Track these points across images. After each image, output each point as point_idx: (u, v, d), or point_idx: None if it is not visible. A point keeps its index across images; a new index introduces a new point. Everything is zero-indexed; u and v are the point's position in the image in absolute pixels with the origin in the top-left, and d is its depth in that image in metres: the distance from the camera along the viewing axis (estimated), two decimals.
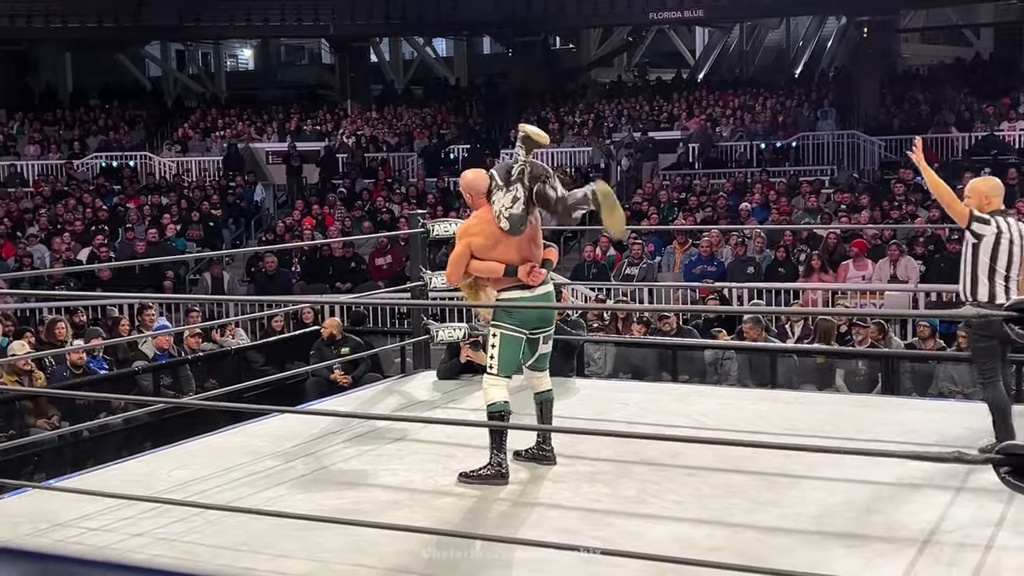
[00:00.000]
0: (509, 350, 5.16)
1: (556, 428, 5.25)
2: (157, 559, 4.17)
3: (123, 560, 4.16)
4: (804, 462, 5.10)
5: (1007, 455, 2.72)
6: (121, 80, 30.76)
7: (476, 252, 5.22)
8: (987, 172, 16.24)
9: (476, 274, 5.25)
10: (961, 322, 8.88)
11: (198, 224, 17.90)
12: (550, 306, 5.37)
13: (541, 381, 5.38)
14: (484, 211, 5.29)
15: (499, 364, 5.15)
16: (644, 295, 12.95)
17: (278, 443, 5.83)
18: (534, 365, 5.32)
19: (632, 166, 19.60)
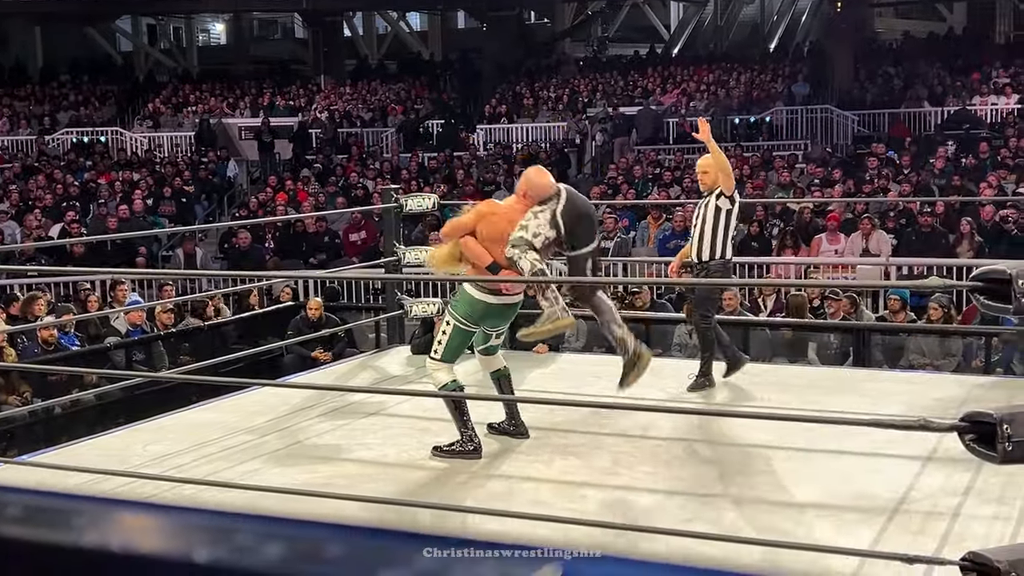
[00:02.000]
0: (457, 340, 5.19)
1: (529, 399, 5.27)
2: None
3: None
4: (776, 433, 5.15)
5: (972, 422, 2.76)
6: (92, 55, 30.44)
7: (479, 235, 5.15)
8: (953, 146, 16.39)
9: (463, 250, 5.21)
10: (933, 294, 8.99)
11: (170, 200, 17.79)
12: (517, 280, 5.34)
13: (494, 361, 5.39)
14: (517, 210, 5.21)
15: (444, 351, 5.17)
16: (619, 270, 12.98)
17: (252, 418, 5.83)
18: (485, 350, 5.33)
19: (606, 141, 19.60)
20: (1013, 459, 2.72)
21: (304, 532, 3.87)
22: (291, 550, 3.26)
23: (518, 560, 3.37)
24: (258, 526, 3.92)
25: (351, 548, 3.39)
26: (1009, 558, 2.76)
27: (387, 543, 3.75)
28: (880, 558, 3.48)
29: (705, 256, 6.30)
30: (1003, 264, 2.85)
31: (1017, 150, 15.92)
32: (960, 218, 12.53)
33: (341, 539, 3.74)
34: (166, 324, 10.24)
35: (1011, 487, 4.26)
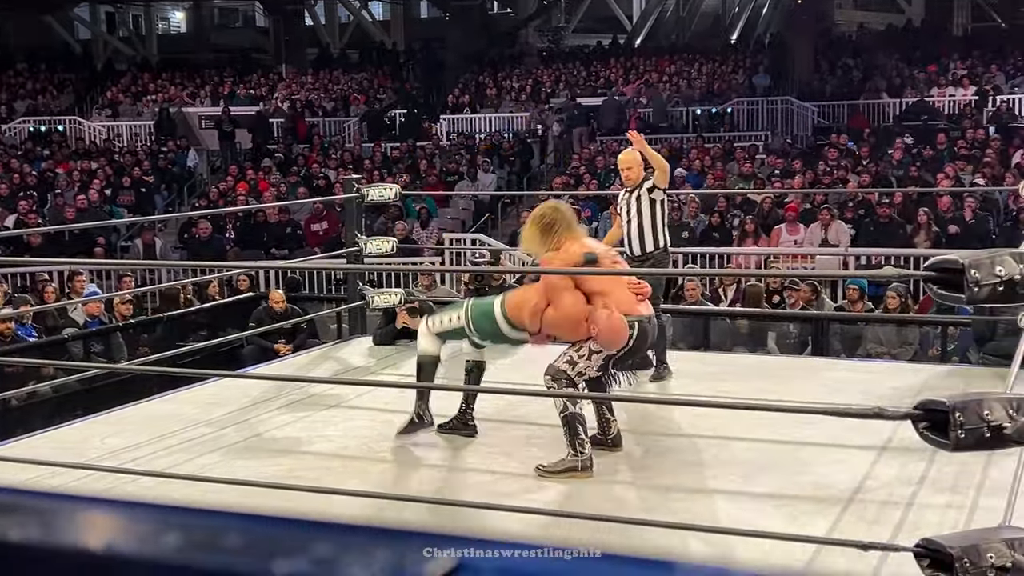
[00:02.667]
0: (457, 335, 5.16)
1: (489, 389, 5.26)
2: None
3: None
4: (735, 422, 5.19)
5: (925, 410, 2.79)
6: (49, 43, 30.05)
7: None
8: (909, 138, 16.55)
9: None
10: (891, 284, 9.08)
11: (129, 190, 17.62)
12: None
13: (478, 354, 5.36)
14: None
15: (442, 331, 5.13)
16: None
17: (212, 410, 5.80)
18: (476, 346, 5.31)
19: (563, 132, 19.60)
20: (965, 446, 2.76)
21: (200, 521, 3.85)
22: (187, 539, 3.24)
23: (416, 548, 3.40)
24: (155, 515, 3.91)
25: (248, 537, 3.38)
26: (961, 544, 2.80)
27: (283, 531, 3.75)
28: (835, 545, 3.52)
29: (649, 248, 6.39)
30: (956, 254, 2.88)
31: (974, 141, 16.10)
32: (918, 209, 12.67)
33: (238, 528, 3.73)
34: (125, 315, 10.14)
35: (964, 476, 4.32)
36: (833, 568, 3.51)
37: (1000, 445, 2.77)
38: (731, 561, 3.61)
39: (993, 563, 2.75)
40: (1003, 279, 2.80)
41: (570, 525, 3.86)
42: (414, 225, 15.29)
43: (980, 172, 14.50)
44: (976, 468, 4.34)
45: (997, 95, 18.81)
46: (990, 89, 19.06)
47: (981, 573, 2.74)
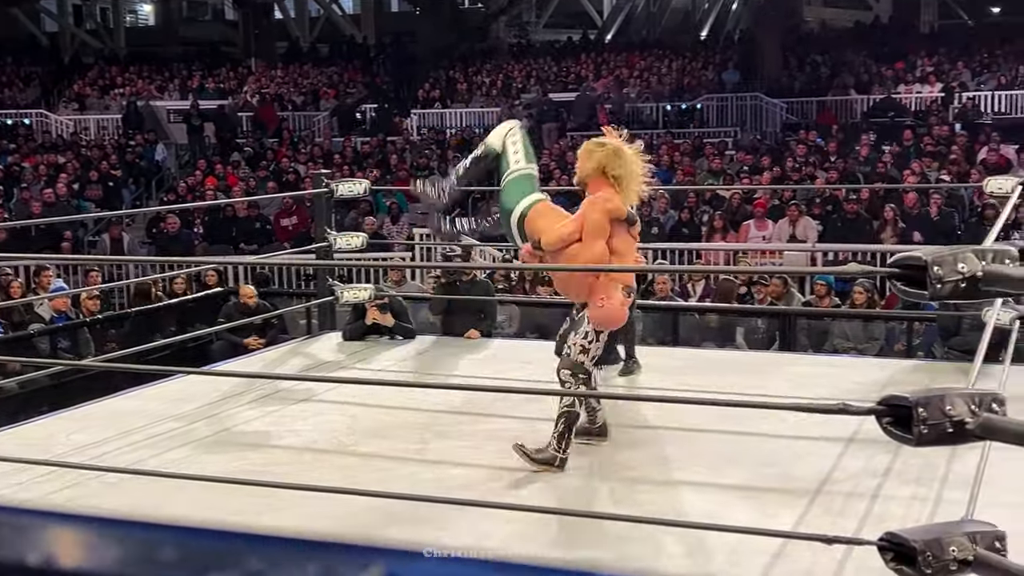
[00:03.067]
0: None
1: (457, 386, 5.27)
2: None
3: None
4: (702, 417, 5.22)
5: (888, 406, 2.82)
6: (15, 35, 29.74)
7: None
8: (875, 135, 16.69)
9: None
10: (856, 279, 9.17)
11: (97, 184, 17.48)
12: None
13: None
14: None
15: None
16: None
17: (180, 405, 5.77)
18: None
19: (532, 127, 19.60)
20: (928, 441, 2.78)
21: (137, 534, 3.86)
22: (123, 552, 3.25)
23: (345, 559, 3.45)
24: (95, 528, 3.92)
25: (183, 551, 3.40)
26: (924, 538, 2.83)
27: (217, 545, 3.79)
28: (801, 539, 3.55)
29: None
30: (919, 251, 2.90)
31: (940, 138, 16.25)
32: (884, 205, 12.78)
33: (173, 542, 3.76)
34: (92, 311, 10.07)
35: (929, 468, 4.37)
36: (799, 560, 3.54)
37: (962, 440, 2.80)
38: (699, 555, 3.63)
39: (956, 556, 2.78)
40: (965, 276, 2.83)
41: (536, 519, 3.87)
42: (384, 220, 15.26)
43: (946, 169, 14.65)
44: (940, 461, 4.38)
45: (963, 92, 19.00)
46: (956, 86, 19.24)
47: (943, 566, 2.78)
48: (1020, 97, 18.70)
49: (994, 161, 14.64)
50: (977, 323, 6.64)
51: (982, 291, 2.90)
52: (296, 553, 3.42)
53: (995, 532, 2.86)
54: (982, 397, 2.81)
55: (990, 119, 17.77)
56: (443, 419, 5.44)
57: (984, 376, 3.67)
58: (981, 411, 2.79)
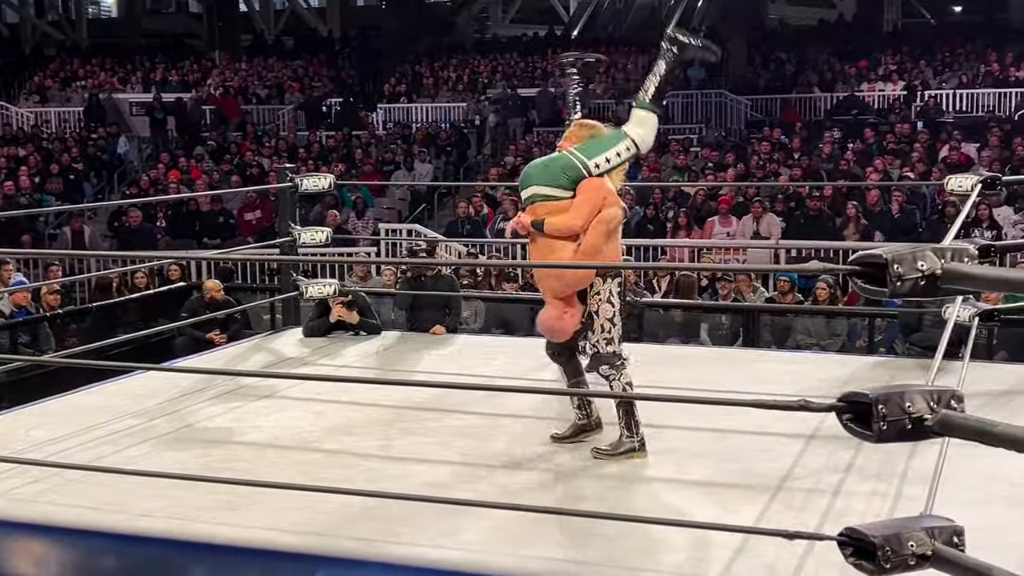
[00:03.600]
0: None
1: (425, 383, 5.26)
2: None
3: None
4: (667, 412, 5.25)
5: (848, 402, 2.84)
6: None
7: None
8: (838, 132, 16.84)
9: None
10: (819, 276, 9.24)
11: (58, 177, 17.29)
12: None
13: None
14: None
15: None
16: (517, 251, 13.03)
17: (141, 401, 5.72)
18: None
19: (499, 122, 19.59)
20: (887, 438, 2.81)
21: (79, 543, 3.87)
22: (64, 562, 3.24)
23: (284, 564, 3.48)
24: (35, 537, 3.93)
25: (124, 560, 3.40)
26: (884, 533, 2.85)
27: (161, 554, 3.81)
28: (762, 534, 3.58)
29: None
30: (880, 248, 2.93)
31: (902, 136, 16.40)
32: (847, 202, 12.88)
33: (115, 551, 3.78)
34: (52, 305, 9.96)
35: (889, 464, 4.41)
36: (761, 555, 3.57)
37: (921, 436, 2.83)
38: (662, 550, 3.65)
39: (914, 551, 2.81)
40: (925, 273, 2.86)
41: (501, 515, 3.88)
42: (349, 215, 15.21)
43: (908, 166, 14.78)
44: (900, 457, 4.43)
45: (925, 90, 19.18)
46: (918, 84, 19.42)
47: (902, 561, 2.81)
48: (981, 96, 18.91)
49: (955, 159, 14.80)
50: (938, 320, 6.72)
51: (941, 289, 2.94)
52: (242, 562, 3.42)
53: (953, 527, 2.89)
54: (941, 394, 2.84)
55: (951, 117, 17.96)
56: (408, 415, 5.42)
57: (944, 372, 3.71)
58: (940, 408, 2.82)
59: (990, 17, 25.62)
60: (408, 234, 14.28)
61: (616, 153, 4.63)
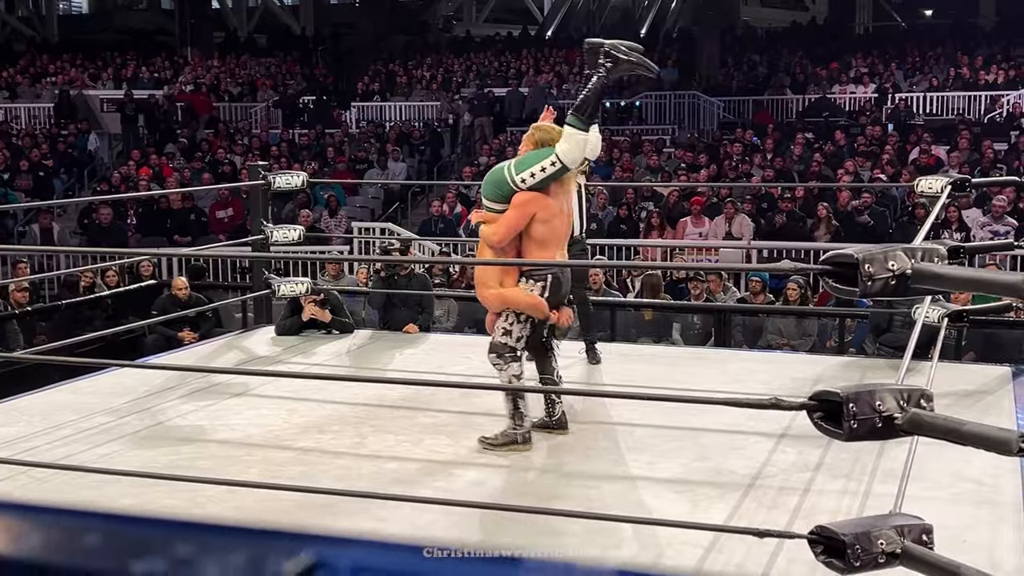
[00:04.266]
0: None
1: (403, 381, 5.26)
2: None
3: None
4: (639, 411, 5.27)
5: (820, 401, 2.87)
6: None
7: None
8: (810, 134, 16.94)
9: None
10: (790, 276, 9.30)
11: (27, 174, 17.14)
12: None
13: None
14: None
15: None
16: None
17: (111, 399, 5.68)
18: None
19: (473, 121, 19.57)
20: (858, 436, 2.84)
21: (61, 521, 3.84)
22: (47, 539, 3.21)
23: (272, 547, 3.47)
24: (14, 515, 3.89)
25: (108, 537, 3.38)
26: (854, 531, 2.88)
27: (143, 531, 3.78)
28: (733, 532, 3.59)
29: (577, 232, 6.29)
30: (851, 248, 2.95)
31: (872, 138, 16.51)
32: (818, 203, 12.96)
33: (98, 528, 3.75)
34: (21, 303, 9.88)
35: (859, 463, 4.45)
36: (732, 553, 3.59)
37: (891, 435, 2.86)
38: (633, 548, 3.66)
39: (884, 549, 2.84)
40: (895, 273, 2.89)
41: (472, 513, 3.88)
42: (322, 213, 15.16)
43: (878, 168, 14.89)
44: (870, 456, 4.47)
45: (896, 93, 19.32)
46: (889, 87, 19.57)
47: (872, 559, 2.83)
48: (951, 99, 19.07)
49: (925, 161, 14.92)
50: (908, 320, 6.77)
51: (912, 288, 2.97)
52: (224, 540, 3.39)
53: (922, 525, 2.92)
54: (911, 393, 2.87)
55: (922, 120, 18.10)
56: (381, 413, 5.42)
57: (913, 372, 3.74)
58: (909, 407, 2.85)
59: (960, 21, 25.86)
60: (382, 233, 14.25)
61: (541, 168, 4.73)
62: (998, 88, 18.93)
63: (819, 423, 2.89)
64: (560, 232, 4.87)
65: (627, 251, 12.51)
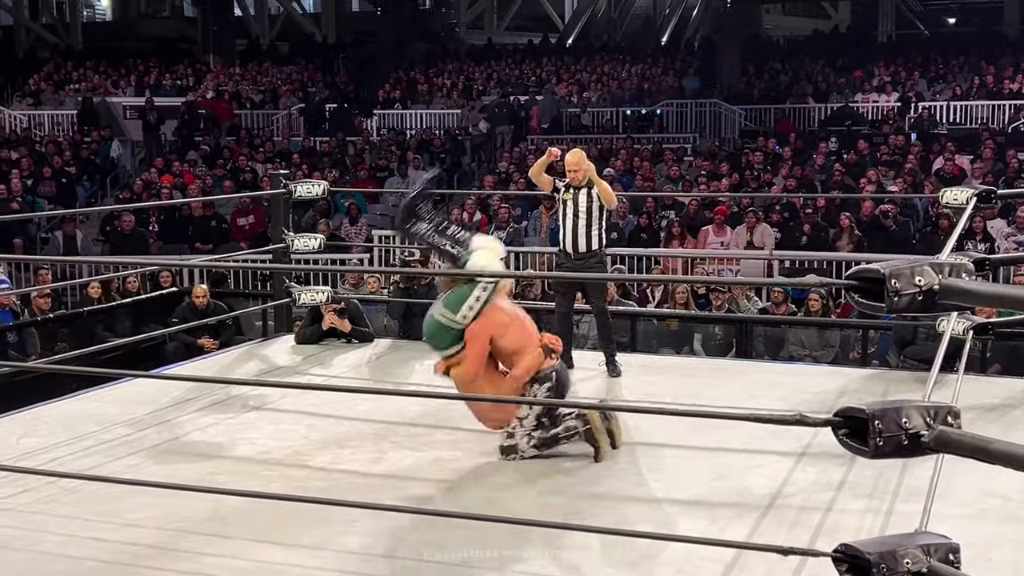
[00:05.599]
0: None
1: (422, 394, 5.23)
2: (3, 530, 4.03)
3: None
4: (658, 425, 5.23)
5: (845, 417, 2.83)
6: None
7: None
8: (834, 142, 16.81)
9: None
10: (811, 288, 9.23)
11: (51, 180, 17.23)
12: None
13: None
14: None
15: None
16: (511, 260, 13.01)
17: (133, 409, 5.68)
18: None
19: (492, 130, 19.55)
20: (883, 454, 2.79)
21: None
22: None
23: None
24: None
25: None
26: (879, 550, 2.83)
27: None
28: (756, 550, 3.55)
29: (594, 246, 6.58)
30: (877, 264, 2.91)
31: (895, 147, 16.41)
32: (841, 213, 12.88)
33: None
34: (42, 309, 9.91)
35: (882, 481, 4.39)
36: (753, 571, 3.55)
37: (917, 453, 2.81)
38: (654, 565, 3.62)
39: (909, 569, 2.79)
40: (922, 289, 2.84)
41: (493, 529, 3.85)
42: (342, 221, 15.17)
43: (901, 178, 14.78)
44: (893, 473, 4.41)
45: (919, 102, 19.21)
46: (912, 96, 19.45)
47: None
48: (974, 108, 18.94)
49: (949, 171, 14.81)
50: (931, 333, 6.71)
51: (939, 304, 2.92)
52: None
53: (949, 544, 2.87)
54: (938, 410, 2.82)
55: (945, 129, 17.98)
56: (400, 427, 5.39)
57: (938, 386, 3.68)
58: (936, 424, 2.80)
59: (984, 29, 25.70)
60: (402, 241, 14.23)
61: (475, 299, 4.90)
62: (1023, 97, 18.79)
63: (844, 440, 2.85)
64: (526, 330, 4.99)
65: (647, 261, 12.46)
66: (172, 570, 3.71)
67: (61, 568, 3.76)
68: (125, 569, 3.71)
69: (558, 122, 20.16)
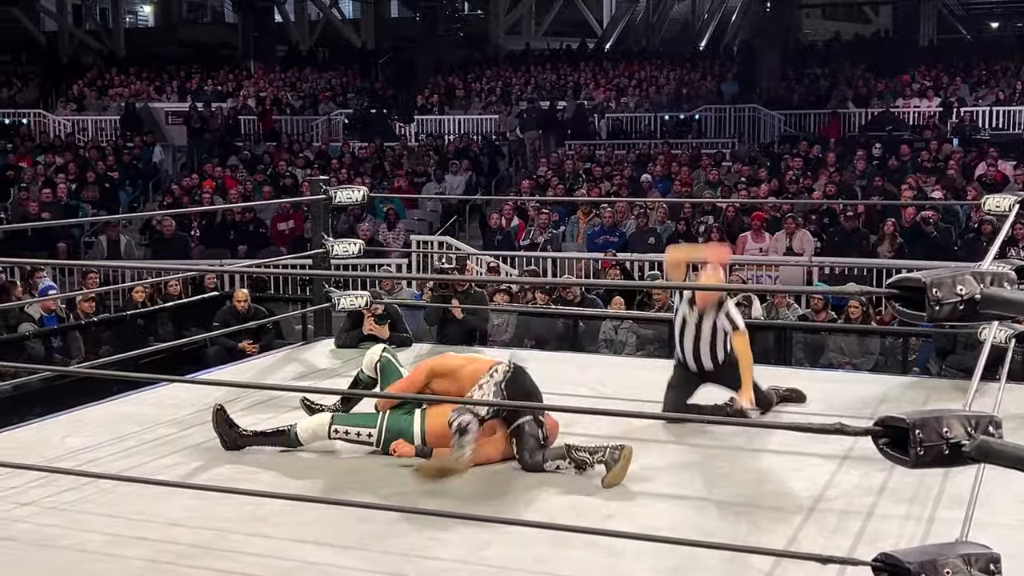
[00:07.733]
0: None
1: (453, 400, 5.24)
2: (45, 529, 4.09)
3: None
4: (697, 430, 5.22)
5: (885, 427, 2.82)
6: (14, 34, 29.71)
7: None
8: (878, 148, 16.66)
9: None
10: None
11: (94, 185, 17.46)
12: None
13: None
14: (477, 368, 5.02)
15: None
16: (548, 265, 13.04)
17: (174, 411, 5.74)
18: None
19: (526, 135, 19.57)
20: (924, 463, 2.78)
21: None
22: None
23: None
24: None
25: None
26: (919, 559, 2.82)
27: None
28: (795, 558, 3.54)
29: (721, 358, 5.60)
30: (919, 273, 2.90)
31: (937, 153, 16.27)
32: (882, 219, 12.78)
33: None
34: (87, 312, 10.05)
35: (923, 487, 4.36)
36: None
37: (958, 463, 2.80)
38: (692, 571, 3.62)
39: None
40: (964, 298, 2.83)
41: (533, 533, 3.86)
42: (380, 226, 15.26)
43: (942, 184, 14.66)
44: (935, 480, 4.38)
45: (961, 107, 19.03)
46: (954, 101, 19.27)
47: None
48: (1017, 113, 18.74)
49: (992, 177, 14.66)
50: (973, 341, 6.64)
51: (980, 314, 2.91)
52: None
53: (990, 554, 2.85)
54: (979, 419, 2.81)
55: (988, 135, 17.80)
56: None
57: (979, 394, 3.66)
58: (978, 434, 2.79)
59: None
60: (439, 247, 14.31)
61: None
62: None
63: (884, 449, 2.84)
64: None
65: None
66: (215, 569, 3.75)
67: (106, 568, 3.81)
68: (169, 568, 3.75)
69: (583, 126, 20.09)
